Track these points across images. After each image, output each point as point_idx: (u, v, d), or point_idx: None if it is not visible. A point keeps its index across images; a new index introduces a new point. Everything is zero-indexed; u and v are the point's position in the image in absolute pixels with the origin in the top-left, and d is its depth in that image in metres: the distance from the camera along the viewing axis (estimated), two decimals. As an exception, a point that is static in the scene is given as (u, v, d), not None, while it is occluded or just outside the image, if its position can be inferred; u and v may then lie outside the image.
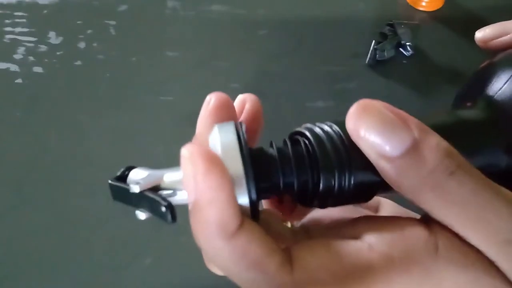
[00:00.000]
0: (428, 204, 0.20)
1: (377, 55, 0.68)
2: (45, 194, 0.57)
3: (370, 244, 0.20)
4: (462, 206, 0.20)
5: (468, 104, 0.26)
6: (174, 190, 0.21)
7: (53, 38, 0.72)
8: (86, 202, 0.56)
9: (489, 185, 0.20)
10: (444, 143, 0.20)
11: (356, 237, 0.21)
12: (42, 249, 0.53)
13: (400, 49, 0.71)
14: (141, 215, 0.22)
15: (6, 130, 0.62)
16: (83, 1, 0.77)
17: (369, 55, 0.68)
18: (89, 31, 0.73)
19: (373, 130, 0.20)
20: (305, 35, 0.73)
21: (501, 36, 0.30)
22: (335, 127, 0.22)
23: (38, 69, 0.68)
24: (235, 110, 0.26)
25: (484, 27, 0.31)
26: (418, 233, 0.20)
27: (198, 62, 0.69)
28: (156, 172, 0.22)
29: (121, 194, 0.22)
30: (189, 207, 0.21)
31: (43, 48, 0.70)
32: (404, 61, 0.70)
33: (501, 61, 0.27)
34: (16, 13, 0.75)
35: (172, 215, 0.20)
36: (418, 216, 0.23)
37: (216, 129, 0.22)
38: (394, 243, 0.20)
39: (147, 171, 0.22)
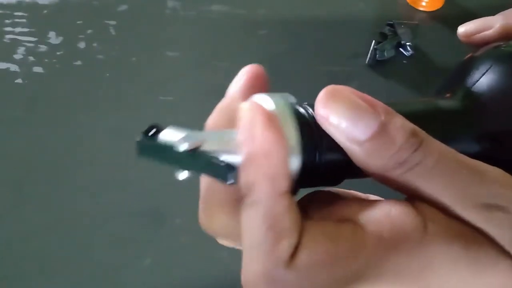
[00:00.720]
0: (399, 181, 0.21)
1: (377, 55, 0.68)
2: (45, 194, 0.57)
3: (362, 224, 0.21)
4: (431, 176, 0.21)
5: (447, 95, 0.27)
6: (218, 152, 0.21)
7: (53, 38, 0.72)
8: (86, 202, 0.56)
9: (453, 155, 0.21)
10: (408, 124, 0.21)
11: (349, 218, 0.22)
12: (42, 249, 0.53)
13: (400, 49, 0.71)
14: (182, 174, 0.21)
15: (6, 130, 0.62)
16: (83, 1, 0.77)
17: (369, 55, 0.68)
18: (89, 31, 0.73)
19: (341, 116, 0.21)
20: (305, 35, 0.73)
21: (483, 31, 0.30)
22: (310, 110, 0.23)
23: (38, 69, 0.68)
24: (267, 85, 0.26)
25: (467, 22, 0.31)
26: (405, 212, 0.21)
27: (198, 62, 0.69)
28: (196, 134, 0.21)
29: (155, 152, 0.21)
30: (242, 160, 0.21)
31: (43, 48, 0.70)
32: (404, 61, 0.70)
33: (481, 55, 0.28)
34: (16, 13, 0.75)
35: (235, 174, 0.20)
36: None
37: (265, 96, 0.23)
38: (383, 222, 0.21)
39: (182, 131, 0.21)
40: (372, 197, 0.26)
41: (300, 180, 0.22)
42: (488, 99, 0.25)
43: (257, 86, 0.26)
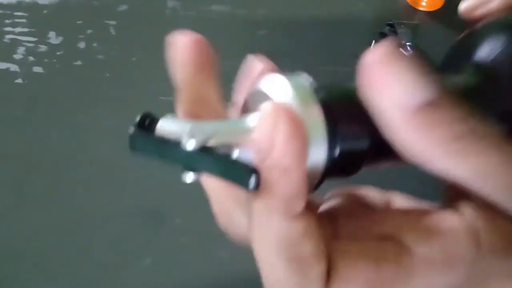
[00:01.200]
0: (446, 159, 0.18)
1: (377, 55, 0.68)
2: (45, 194, 0.56)
3: (407, 244, 0.19)
4: (482, 152, 0.18)
5: (453, 72, 0.24)
6: (230, 147, 0.18)
7: (53, 38, 0.72)
8: (86, 202, 0.56)
9: (493, 131, 0.18)
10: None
11: (390, 235, 0.19)
12: (42, 249, 0.53)
13: (400, 49, 0.71)
14: (189, 176, 0.18)
15: (6, 130, 0.62)
16: (83, 1, 0.77)
17: (369, 55, 0.68)
18: (89, 31, 0.73)
19: (402, 77, 0.17)
20: (305, 35, 0.73)
21: (486, 3, 0.28)
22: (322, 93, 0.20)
23: (38, 69, 0.68)
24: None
25: None
26: (456, 227, 0.19)
27: (198, 62, 0.69)
28: (202, 125, 0.18)
29: (152, 147, 0.18)
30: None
31: (43, 48, 0.70)
32: (404, 61, 0.70)
33: (488, 27, 0.25)
34: (16, 13, 0.75)
35: (258, 181, 0.17)
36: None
37: (281, 77, 0.20)
38: (432, 241, 0.18)
39: (184, 122, 0.18)
40: (393, 198, 0.23)
41: (324, 174, 0.19)
42: (505, 73, 0.23)
43: (205, 57, 0.22)
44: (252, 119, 0.19)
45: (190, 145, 0.17)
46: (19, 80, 0.67)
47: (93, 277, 0.51)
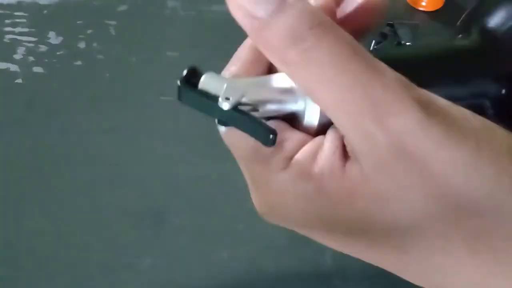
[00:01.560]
0: (296, 70, 0.19)
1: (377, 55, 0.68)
2: (45, 194, 0.56)
3: None
4: (321, 66, 0.18)
5: (464, 35, 0.26)
6: (259, 103, 0.21)
7: (53, 38, 0.72)
8: (86, 202, 0.56)
9: (359, 51, 0.18)
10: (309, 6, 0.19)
11: None
12: (42, 249, 0.53)
13: None
14: (222, 128, 0.21)
15: (6, 130, 0.62)
16: (83, 1, 0.77)
17: (369, 55, 0.68)
18: (89, 31, 0.73)
19: None
20: (305, 35, 0.73)
21: None
22: None
23: (38, 69, 0.68)
24: None
25: None
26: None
27: (198, 62, 0.69)
28: (236, 84, 0.21)
29: (195, 100, 0.21)
30: None
31: (43, 48, 0.70)
32: (404, 61, 0.70)
33: None
34: (16, 13, 0.75)
35: (275, 140, 0.20)
36: None
37: None
38: None
39: (221, 80, 0.21)
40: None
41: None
42: (509, 40, 0.24)
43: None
44: (277, 79, 0.22)
45: (225, 106, 0.20)
46: (19, 80, 0.67)
47: (93, 277, 0.51)
